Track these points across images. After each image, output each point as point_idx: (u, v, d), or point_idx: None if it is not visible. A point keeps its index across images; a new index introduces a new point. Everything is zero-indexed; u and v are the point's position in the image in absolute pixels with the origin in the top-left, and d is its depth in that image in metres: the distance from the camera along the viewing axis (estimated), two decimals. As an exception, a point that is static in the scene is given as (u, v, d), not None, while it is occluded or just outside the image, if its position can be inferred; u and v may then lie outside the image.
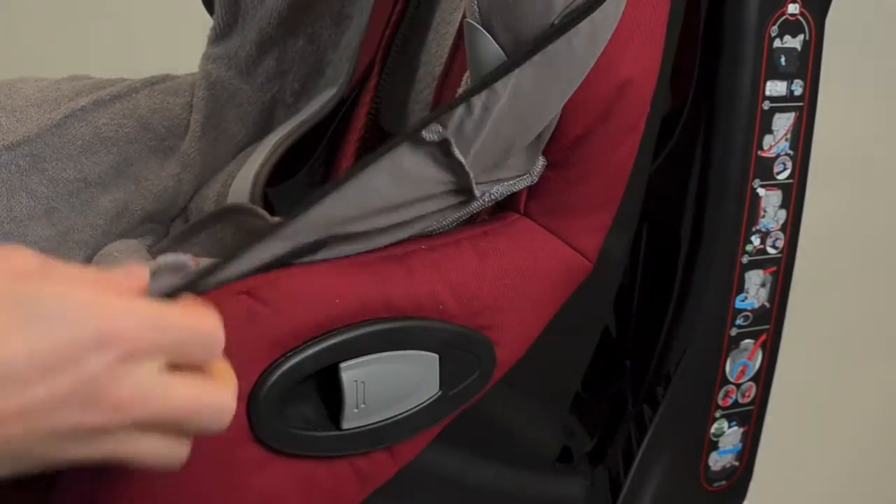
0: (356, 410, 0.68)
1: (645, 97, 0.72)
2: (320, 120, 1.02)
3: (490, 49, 0.69)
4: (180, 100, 1.04)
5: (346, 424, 0.68)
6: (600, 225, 0.75)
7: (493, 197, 0.72)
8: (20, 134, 0.97)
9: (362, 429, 0.69)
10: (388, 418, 0.70)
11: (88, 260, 0.98)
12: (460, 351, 0.72)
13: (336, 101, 1.02)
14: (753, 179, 0.86)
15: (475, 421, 0.75)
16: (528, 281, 0.73)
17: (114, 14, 0.86)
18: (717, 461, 0.94)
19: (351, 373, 0.67)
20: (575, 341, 0.83)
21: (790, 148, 0.87)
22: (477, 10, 0.68)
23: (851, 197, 1.72)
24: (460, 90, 0.75)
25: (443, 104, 0.66)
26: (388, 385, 0.69)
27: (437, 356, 0.71)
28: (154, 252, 0.99)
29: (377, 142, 0.99)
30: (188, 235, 0.99)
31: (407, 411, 0.71)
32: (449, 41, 0.92)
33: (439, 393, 0.72)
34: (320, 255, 0.66)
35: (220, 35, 1.05)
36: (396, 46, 0.97)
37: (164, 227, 1.05)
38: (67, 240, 1.00)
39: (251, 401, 0.65)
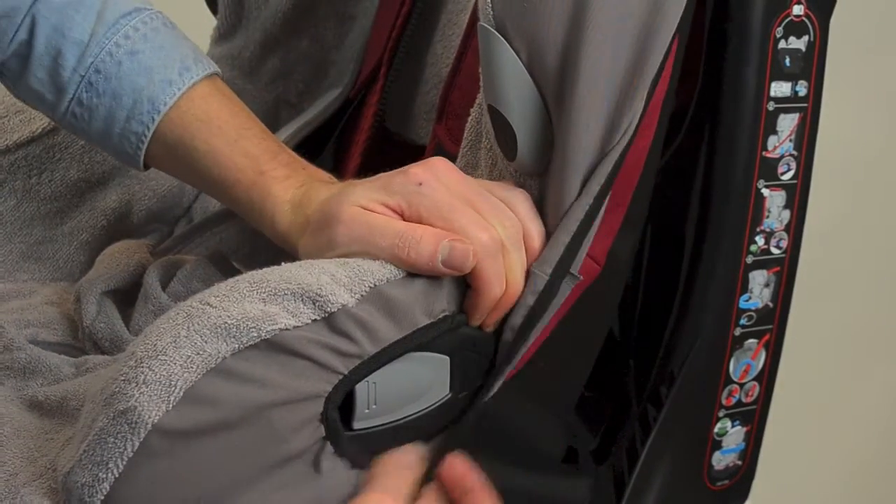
0: (367, 411, 0.68)
1: (658, 98, 0.73)
2: (326, 120, 1.02)
3: (505, 53, 0.69)
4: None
5: (357, 424, 0.68)
6: (610, 228, 0.75)
7: None
8: (25, 134, 0.97)
9: (373, 429, 0.69)
10: (399, 419, 0.70)
11: (91, 259, 0.98)
12: (471, 353, 0.72)
13: (340, 101, 1.02)
14: (758, 180, 0.86)
15: (478, 422, 0.76)
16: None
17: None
18: (720, 460, 0.94)
19: None
20: (581, 343, 0.83)
21: (794, 149, 0.87)
22: (491, 13, 0.68)
23: (855, 197, 1.72)
24: (478, 99, 0.76)
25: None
26: (400, 386, 0.69)
27: (448, 358, 0.71)
28: (158, 252, 0.99)
29: (383, 142, 1.00)
30: (192, 235, 0.99)
31: (418, 412, 0.71)
32: (456, 42, 0.92)
33: (449, 395, 0.72)
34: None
35: (223, 35, 1.06)
36: (403, 48, 0.97)
37: (168, 227, 1.05)
38: (72, 240, 1.00)
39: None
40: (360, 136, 1.00)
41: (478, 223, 0.70)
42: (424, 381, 0.70)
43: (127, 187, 1.01)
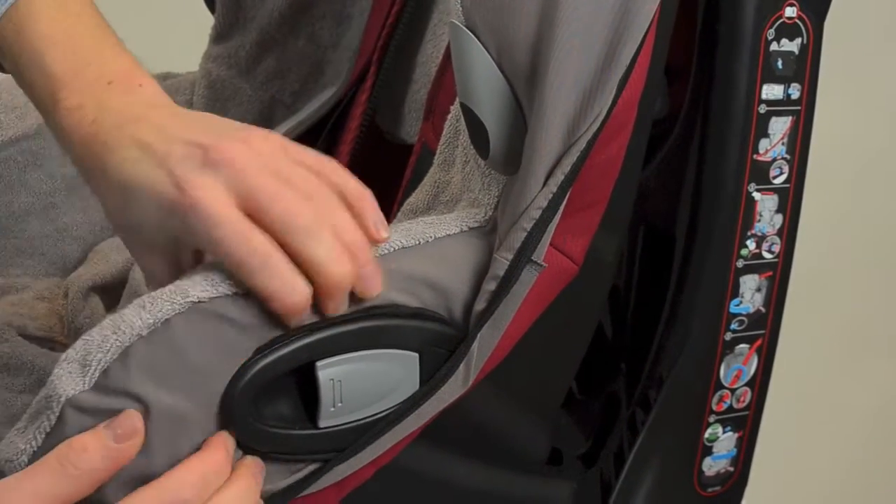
0: (333, 409, 0.68)
1: (633, 97, 0.72)
2: (318, 119, 1.02)
3: (475, 50, 0.69)
4: (180, 98, 1.05)
5: (322, 423, 0.68)
6: (586, 227, 0.75)
7: None
8: (20, 130, 0.98)
9: (340, 427, 0.69)
10: (367, 417, 0.70)
11: (84, 256, 0.99)
12: (441, 350, 0.72)
13: (334, 101, 1.02)
14: (749, 183, 0.85)
15: (457, 420, 0.75)
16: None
17: (114, 12, 0.87)
18: (711, 466, 0.93)
19: (328, 371, 0.67)
20: (562, 344, 0.82)
21: (787, 152, 0.86)
22: (460, 9, 0.68)
23: (853, 198, 1.72)
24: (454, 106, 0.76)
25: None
26: (366, 384, 0.69)
27: (417, 355, 0.70)
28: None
29: (373, 141, 0.99)
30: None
31: (386, 410, 0.71)
32: (445, 42, 0.92)
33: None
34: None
35: (221, 35, 1.06)
36: (393, 47, 0.97)
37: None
38: (65, 236, 1.01)
39: (226, 399, 0.65)
40: (349, 136, 1.00)
41: (237, 240, 0.63)
42: (393, 378, 0.70)
43: (121, 184, 1.02)
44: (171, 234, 0.66)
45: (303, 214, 0.64)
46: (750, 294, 0.89)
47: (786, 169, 0.86)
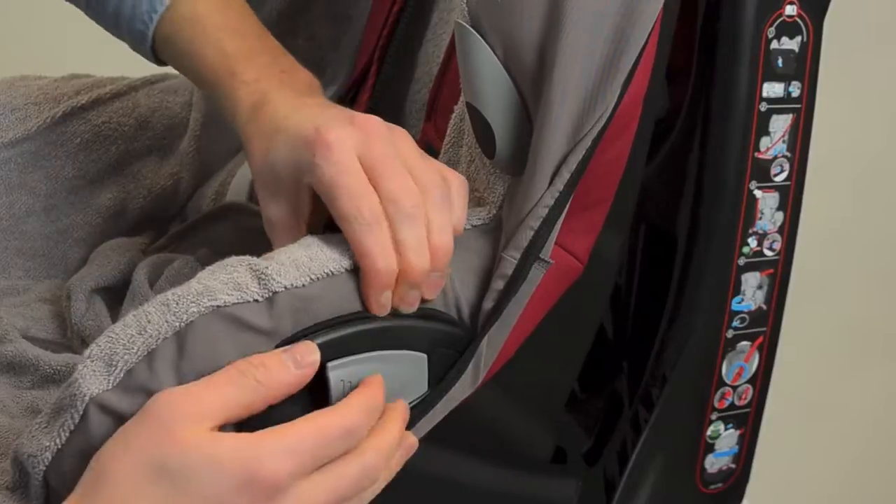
0: None
1: (637, 96, 0.72)
2: (318, 119, 1.01)
3: (481, 50, 0.69)
4: (180, 98, 1.05)
5: None
6: (591, 225, 0.75)
7: None
8: (20, 132, 0.98)
9: (349, 428, 0.69)
10: (376, 418, 0.70)
11: (85, 257, 0.99)
12: (449, 351, 0.72)
13: (335, 100, 1.01)
14: (750, 181, 0.86)
15: (465, 420, 0.75)
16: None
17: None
18: (713, 463, 0.94)
19: (338, 372, 0.67)
20: (566, 342, 0.83)
21: (788, 150, 0.86)
22: (466, 9, 0.68)
23: (853, 198, 1.72)
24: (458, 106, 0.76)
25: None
26: (376, 384, 0.69)
27: (425, 356, 0.71)
28: (151, 251, 0.99)
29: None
30: (185, 234, 1.00)
31: (394, 411, 0.71)
32: (446, 41, 0.92)
33: (428, 392, 0.72)
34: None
35: (220, 34, 1.05)
36: (394, 47, 0.97)
37: (162, 226, 1.05)
38: (66, 237, 1.00)
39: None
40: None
41: (356, 194, 0.69)
42: (401, 379, 0.70)
43: (122, 185, 1.02)
44: (296, 173, 0.72)
45: (410, 200, 0.69)
46: (751, 291, 0.89)
47: (786, 167, 0.87)
